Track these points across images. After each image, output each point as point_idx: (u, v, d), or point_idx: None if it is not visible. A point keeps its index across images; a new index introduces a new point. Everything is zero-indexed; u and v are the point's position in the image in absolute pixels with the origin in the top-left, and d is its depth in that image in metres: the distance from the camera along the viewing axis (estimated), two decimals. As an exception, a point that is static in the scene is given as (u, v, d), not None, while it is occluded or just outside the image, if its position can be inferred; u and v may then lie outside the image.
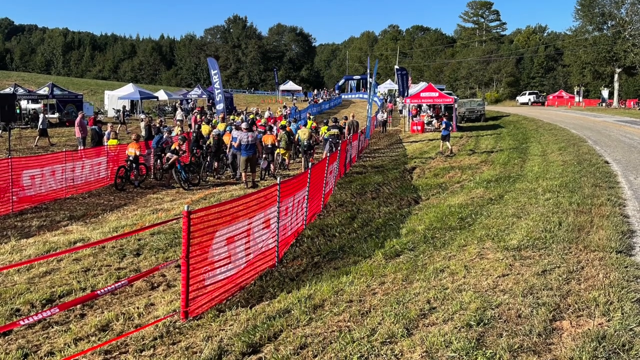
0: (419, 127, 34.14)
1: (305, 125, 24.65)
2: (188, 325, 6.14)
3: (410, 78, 47.85)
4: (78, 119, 22.96)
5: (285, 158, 19.98)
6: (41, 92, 36.90)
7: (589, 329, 4.88)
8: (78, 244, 9.75)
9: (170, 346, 5.62)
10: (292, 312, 6.20)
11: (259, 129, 20.31)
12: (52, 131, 28.24)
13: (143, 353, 5.53)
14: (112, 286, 6.12)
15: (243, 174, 16.67)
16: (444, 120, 24.58)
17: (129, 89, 44.80)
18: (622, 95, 67.07)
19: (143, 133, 23.08)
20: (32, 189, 13.90)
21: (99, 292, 5.86)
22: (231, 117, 30.68)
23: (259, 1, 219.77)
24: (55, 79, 65.42)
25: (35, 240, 10.41)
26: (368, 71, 41.45)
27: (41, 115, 26.65)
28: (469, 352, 4.64)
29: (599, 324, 4.99)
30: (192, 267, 6.14)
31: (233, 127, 19.55)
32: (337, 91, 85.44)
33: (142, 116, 30.72)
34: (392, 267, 7.68)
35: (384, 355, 4.82)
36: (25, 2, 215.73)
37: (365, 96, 56.27)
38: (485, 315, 5.33)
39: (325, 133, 21.54)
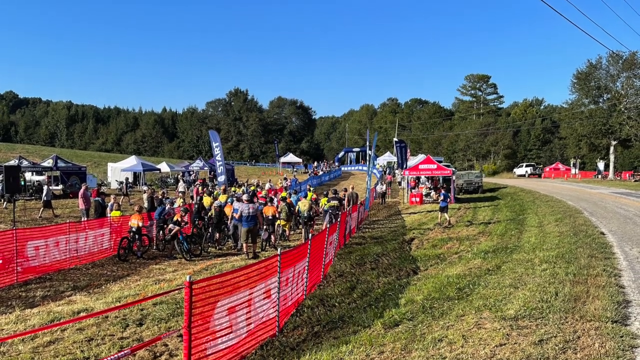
0: (418, 199, 34.47)
1: (305, 196, 24.90)
2: (190, 394, 6.19)
3: (409, 150, 48.58)
4: (81, 190, 23.24)
5: (286, 229, 20.16)
6: (45, 164, 37.46)
7: (584, 397, 4.98)
8: (82, 314, 9.83)
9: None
10: (293, 381, 6.28)
11: (260, 201, 20.57)
12: (56, 203, 28.51)
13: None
14: (115, 355, 6.22)
15: (244, 245, 16.83)
16: (442, 191, 25.00)
17: (131, 161, 45.48)
18: (617, 167, 67.80)
19: (146, 204, 23.37)
20: (37, 260, 14.07)
21: (103, 360, 5.97)
22: (232, 188, 31.09)
23: (260, 75, 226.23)
24: (59, 151, 66.48)
25: (40, 310, 10.50)
26: (367, 143, 42.22)
27: (45, 187, 27.01)
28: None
29: (594, 392, 5.10)
30: (194, 336, 6.24)
31: (234, 198, 19.89)
32: (336, 163, 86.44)
33: (145, 188, 31.15)
34: (391, 336, 7.76)
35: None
36: (30, 76, 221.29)
37: (365, 168, 56.97)
38: (483, 384, 5.43)
39: (325, 204, 21.75)
